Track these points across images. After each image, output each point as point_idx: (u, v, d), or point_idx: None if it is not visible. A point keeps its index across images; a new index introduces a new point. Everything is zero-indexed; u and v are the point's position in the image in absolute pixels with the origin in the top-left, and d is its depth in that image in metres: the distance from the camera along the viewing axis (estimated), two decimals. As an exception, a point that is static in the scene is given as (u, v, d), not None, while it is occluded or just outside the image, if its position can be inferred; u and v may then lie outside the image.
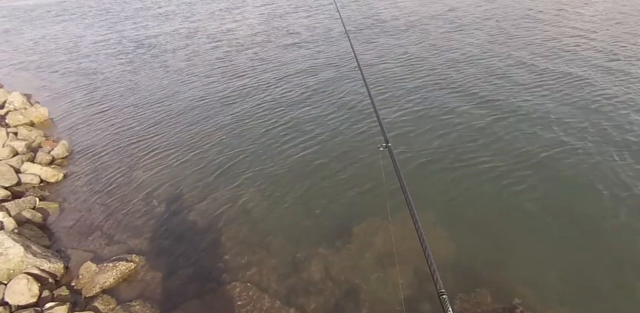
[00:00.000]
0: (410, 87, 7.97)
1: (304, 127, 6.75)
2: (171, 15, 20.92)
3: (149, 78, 10.64)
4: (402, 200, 1.94)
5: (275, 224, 4.63)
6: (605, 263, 3.70)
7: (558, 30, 10.86)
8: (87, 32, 18.82)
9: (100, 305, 3.69)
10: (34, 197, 5.42)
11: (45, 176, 6.06)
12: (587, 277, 3.61)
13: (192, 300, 3.84)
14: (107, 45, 15.30)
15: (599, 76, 7.56)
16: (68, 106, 9.37)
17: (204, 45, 13.64)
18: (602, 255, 3.79)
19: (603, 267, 3.67)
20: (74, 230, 4.93)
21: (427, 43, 10.86)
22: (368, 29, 13.28)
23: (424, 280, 3.65)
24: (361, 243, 4.21)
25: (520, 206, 4.49)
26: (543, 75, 7.91)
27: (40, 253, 4.21)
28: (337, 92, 8.16)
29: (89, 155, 6.82)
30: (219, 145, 6.47)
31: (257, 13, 18.66)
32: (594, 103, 6.54)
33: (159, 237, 4.68)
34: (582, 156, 5.19)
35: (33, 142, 7.11)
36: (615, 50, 8.91)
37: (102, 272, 4.06)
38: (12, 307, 3.62)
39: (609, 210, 4.29)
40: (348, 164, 5.54)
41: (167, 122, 7.64)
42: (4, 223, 4.60)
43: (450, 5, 15.67)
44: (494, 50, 9.71)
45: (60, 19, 24.43)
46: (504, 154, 5.42)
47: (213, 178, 5.57)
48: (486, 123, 6.24)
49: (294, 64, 10.45)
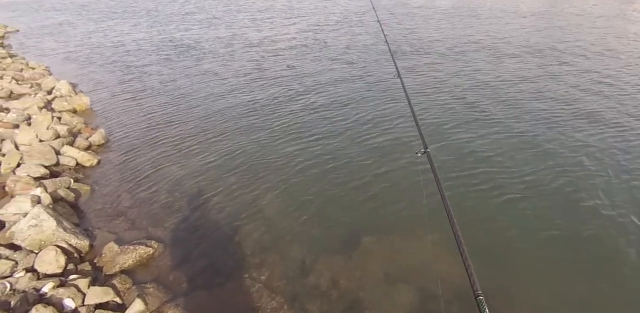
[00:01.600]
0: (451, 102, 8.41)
1: (331, 134, 7.14)
2: (215, 21, 21.91)
3: (187, 80, 11.20)
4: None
5: (290, 228, 4.84)
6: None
7: (606, 64, 10.94)
8: (134, 30, 19.91)
9: (117, 283, 3.95)
10: (69, 178, 5.82)
11: (81, 160, 6.48)
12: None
13: (201, 290, 4.06)
14: (151, 44, 16.16)
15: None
16: (109, 97, 9.96)
17: (243, 51, 14.25)
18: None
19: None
20: (102, 212, 5.27)
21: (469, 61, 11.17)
22: (408, 45, 13.91)
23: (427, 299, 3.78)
24: (374, 255, 4.36)
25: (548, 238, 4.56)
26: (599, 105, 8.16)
27: (70, 229, 4.55)
28: (374, 100, 8.72)
29: (122, 145, 7.25)
30: (246, 148, 6.79)
31: (300, 24, 19.39)
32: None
33: (178, 228, 4.96)
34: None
35: (74, 128, 7.61)
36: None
37: (123, 253, 4.34)
38: (39, 274, 3.92)
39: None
40: (378, 173, 5.84)
41: (199, 122, 8.05)
42: (41, 198, 4.98)
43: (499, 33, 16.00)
44: (538, 76, 10.13)
45: (112, 16, 25.90)
46: (546, 176, 5.61)
47: (236, 179, 5.85)
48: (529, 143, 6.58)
49: (332, 71, 11.01)
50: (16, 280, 3.77)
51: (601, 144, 6.46)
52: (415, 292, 3.87)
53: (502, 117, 7.63)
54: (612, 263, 4.15)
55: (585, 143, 6.52)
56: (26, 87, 9.97)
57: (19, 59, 13.97)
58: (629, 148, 6.31)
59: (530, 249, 4.37)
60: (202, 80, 11.02)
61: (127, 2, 34.19)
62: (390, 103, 8.52)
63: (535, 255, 4.29)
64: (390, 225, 4.82)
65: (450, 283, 3.75)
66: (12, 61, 13.15)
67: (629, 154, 6.12)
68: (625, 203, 4.99)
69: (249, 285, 4.10)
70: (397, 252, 4.39)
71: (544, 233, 4.57)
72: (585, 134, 6.84)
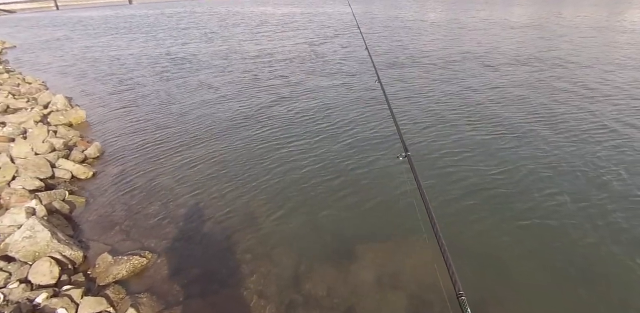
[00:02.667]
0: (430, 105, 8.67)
1: (319, 140, 7.34)
2: (211, 35, 22.31)
3: (182, 92, 11.38)
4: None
5: (283, 237, 4.89)
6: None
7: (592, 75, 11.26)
8: (130, 45, 20.23)
9: (111, 293, 3.98)
10: (64, 190, 5.88)
11: (76, 172, 6.55)
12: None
13: (195, 298, 4.08)
14: (146, 58, 16.43)
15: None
16: (104, 111, 10.09)
17: (237, 64, 14.53)
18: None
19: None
20: (96, 224, 5.31)
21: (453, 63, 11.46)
22: (390, 53, 14.37)
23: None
24: (365, 261, 4.42)
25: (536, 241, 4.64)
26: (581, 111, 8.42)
27: (64, 240, 4.58)
28: (356, 105, 9.17)
29: (118, 157, 7.33)
30: (240, 159, 6.87)
31: (288, 40, 19.78)
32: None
33: (172, 238, 5.00)
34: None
35: (69, 141, 7.69)
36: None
37: (117, 263, 4.37)
38: (33, 285, 3.94)
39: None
40: (361, 179, 6.00)
41: (193, 134, 8.15)
42: (36, 209, 5.03)
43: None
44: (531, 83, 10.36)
45: (109, 31, 26.30)
46: (532, 177, 5.79)
47: (230, 190, 5.92)
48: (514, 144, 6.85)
49: (316, 79, 11.24)
50: (10, 291, 3.79)
51: (581, 145, 6.73)
52: (407, 297, 3.92)
53: (483, 121, 7.99)
54: (599, 263, 4.22)
55: (569, 144, 6.77)
56: (22, 102, 10.09)
57: (15, 74, 14.14)
58: (616, 150, 6.48)
59: (512, 249, 4.46)
60: (196, 93, 11.19)
61: (124, 18, 34.75)
62: (371, 108, 8.96)
63: (518, 255, 4.38)
64: (379, 230, 4.91)
65: (436, 286, 3.79)
66: (9, 76, 13.31)
67: (617, 157, 6.28)
68: (612, 203, 5.13)
69: (242, 293, 4.13)
70: (389, 258, 4.45)
71: (528, 234, 4.69)
72: (570, 135, 7.12)
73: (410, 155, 2.52)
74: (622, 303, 3.74)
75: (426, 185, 2.25)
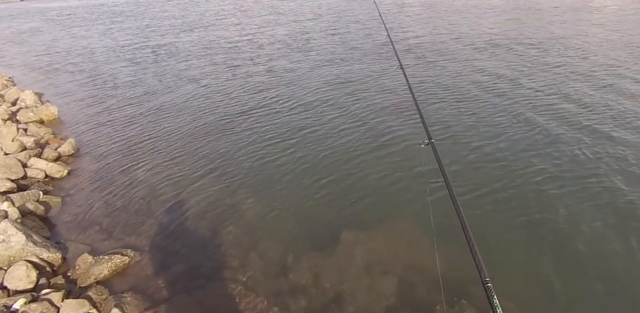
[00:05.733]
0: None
1: (311, 126, 7.10)
2: (191, 25, 21.54)
3: (161, 85, 11.00)
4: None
5: (268, 228, 4.83)
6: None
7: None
8: (103, 36, 19.43)
9: (93, 294, 3.87)
10: (38, 191, 5.65)
11: (50, 171, 6.30)
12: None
13: (181, 295, 4.01)
14: (121, 51, 15.80)
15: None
16: (78, 106, 9.70)
17: (222, 55, 14.08)
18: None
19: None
20: (74, 224, 5.13)
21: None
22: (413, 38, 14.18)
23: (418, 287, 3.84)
24: (351, 250, 4.40)
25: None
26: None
27: (41, 243, 4.42)
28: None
29: (94, 154, 7.07)
30: (221, 150, 6.72)
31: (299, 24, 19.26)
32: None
33: (154, 235, 4.88)
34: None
35: (41, 139, 7.39)
36: None
37: (98, 264, 4.25)
38: (10, 291, 3.80)
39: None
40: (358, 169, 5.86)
41: (171, 127, 7.92)
42: (8, 212, 4.82)
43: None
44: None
45: (79, 22, 25.20)
46: (556, 168, 5.58)
47: (211, 182, 5.79)
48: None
49: (329, 67, 11.05)
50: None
51: (615, 140, 6.34)
52: (400, 283, 3.93)
53: (507, 109, 7.71)
54: (630, 259, 4.08)
55: (603, 141, 6.34)
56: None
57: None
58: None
59: (532, 240, 4.36)
60: (175, 85, 10.85)
61: (95, 7, 33.34)
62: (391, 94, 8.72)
63: (541, 245, 4.27)
64: (390, 214, 4.89)
65: (454, 271, 3.72)
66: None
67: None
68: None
69: (230, 286, 4.08)
70: (383, 244, 4.45)
71: (551, 225, 4.54)
72: (603, 133, 6.61)
73: (434, 142, 2.50)
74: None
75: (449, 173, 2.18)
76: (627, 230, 4.43)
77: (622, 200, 4.90)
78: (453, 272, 3.73)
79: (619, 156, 5.85)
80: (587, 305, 3.63)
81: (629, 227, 4.48)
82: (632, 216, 4.64)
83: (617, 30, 14.73)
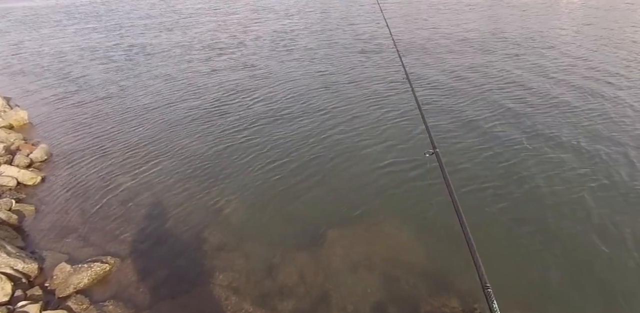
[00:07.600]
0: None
1: (278, 132, 7.04)
2: (170, 25, 20.99)
3: (136, 86, 10.70)
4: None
5: (252, 229, 4.78)
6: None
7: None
8: (75, 37, 18.78)
9: (73, 304, 3.76)
10: (10, 199, 5.43)
11: (22, 179, 6.06)
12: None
13: (165, 300, 3.93)
14: (96, 52, 15.29)
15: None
16: (49, 110, 9.35)
17: (201, 55, 13.79)
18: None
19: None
20: (50, 233, 4.96)
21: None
22: (418, 41, 13.72)
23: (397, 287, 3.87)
24: (338, 249, 4.40)
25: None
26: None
27: (15, 253, 4.25)
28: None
29: (68, 159, 6.84)
30: (201, 151, 6.62)
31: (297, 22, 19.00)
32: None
33: (135, 240, 4.77)
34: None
35: (11, 145, 7.10)
36: None
37: (77, 272, 4.12)
38: (-17, 306, 3.65)
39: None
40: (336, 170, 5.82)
41: (149, 129, 7.74)
42: (-22, 223, 4.63)
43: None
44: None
45: (48, 23, 24.29)
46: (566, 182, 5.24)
47: (192, 184, 5.69)
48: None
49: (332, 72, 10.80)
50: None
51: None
52: (387, 283, 3.95)
53: (513, 116, 7.30)
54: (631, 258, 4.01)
55: (611, 148, 6.04)
56: (-48, 105, 9.17)
57: (-58, 75, 12.81)
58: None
59: (537, 248, 4.20)
60: (151, 86, 10.59)
61: (65, 7, 32.19)
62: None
63: (543, 251, 4.13)
64: (393, 211, 4.84)
65: (456, 276, 3.72)
66: None
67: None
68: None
69: (215, 289, 4.02)
70: (367, 242, 4.46)
71: (556, 231, 4.41)
72: (612, 139, 6.30)
73: (438, 152, 2.49)
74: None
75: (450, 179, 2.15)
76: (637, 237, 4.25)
77: (634, 208, 4.68)
78: (451, 277, 3.76)
79: (629, 161, 5.59)
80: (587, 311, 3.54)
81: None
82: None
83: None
